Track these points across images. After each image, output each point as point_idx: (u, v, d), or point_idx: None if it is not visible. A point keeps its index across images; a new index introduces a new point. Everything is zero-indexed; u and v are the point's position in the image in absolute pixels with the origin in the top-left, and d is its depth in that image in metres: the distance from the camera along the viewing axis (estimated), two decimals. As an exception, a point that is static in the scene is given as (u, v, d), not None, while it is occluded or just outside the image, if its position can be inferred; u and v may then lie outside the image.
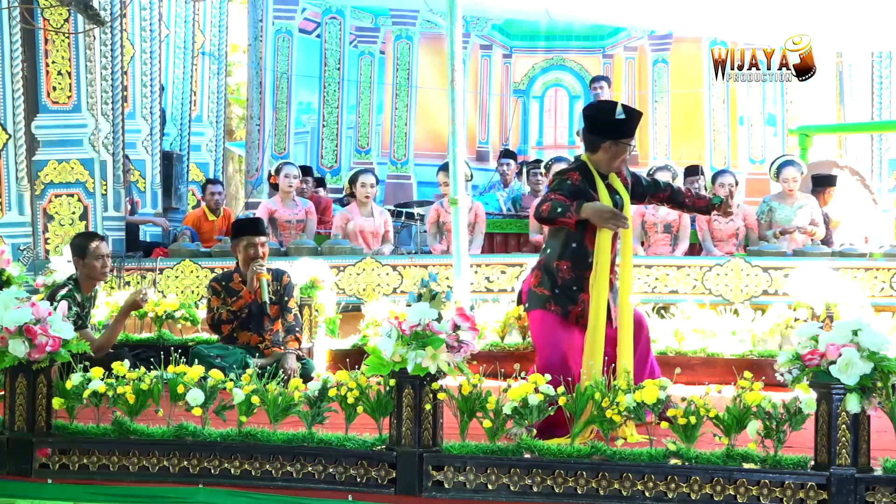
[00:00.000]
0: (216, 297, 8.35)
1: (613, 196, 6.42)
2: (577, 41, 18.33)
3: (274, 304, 8.30)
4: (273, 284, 8.34)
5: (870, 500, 4.81)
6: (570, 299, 6.39)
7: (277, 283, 8.39)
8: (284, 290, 8.40)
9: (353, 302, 10.02)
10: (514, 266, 10.11)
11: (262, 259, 8.28)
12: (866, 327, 4.87)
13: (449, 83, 8.59)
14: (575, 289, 6.38)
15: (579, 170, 6.49)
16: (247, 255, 8.29)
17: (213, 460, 5.41)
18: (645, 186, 6.80)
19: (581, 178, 6.40)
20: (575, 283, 6.38)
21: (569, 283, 6.40)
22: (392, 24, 18.03)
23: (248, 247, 8.29)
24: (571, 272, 6.40)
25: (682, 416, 5.00)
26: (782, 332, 8.95)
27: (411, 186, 17.67)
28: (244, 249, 8.31)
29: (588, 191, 6.36)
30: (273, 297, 8.30)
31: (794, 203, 11.14)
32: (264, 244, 8.37)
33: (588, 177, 6.42)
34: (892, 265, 10.01)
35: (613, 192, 6.45)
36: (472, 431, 5.26)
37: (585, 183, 6.39)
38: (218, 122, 17.12)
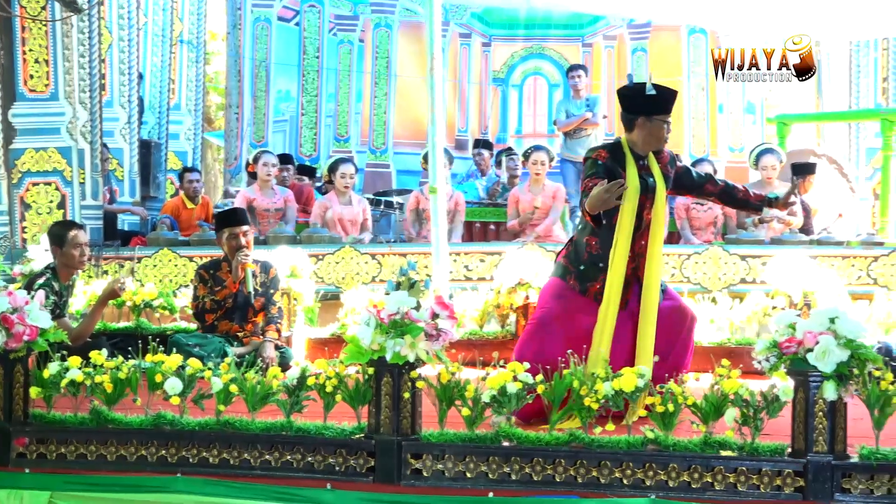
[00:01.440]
0: (203, 286, 8.34)
1: (645, 178, 6.37)
2: (557, 30, 18.36)
3: (259, 297, 8.29)
4: (260, 276, 8.33)
5: (846, 486, 4.83)
6: (591, 276, 6.40)
7: (265, 275, 8.38)
8: (271, 282, 8.40)
9: (331, 290, 10.01)
10: (492, 255, 10.10)
11: (246, 249, 8.27)
12: (843, 315, 4.88)
13: (428, 71, 8.57)
14: (601, 265, 6.36)
15: (609, 147, 6.50)
16: (230, 245, 8.28)
17: (192, 449, 5.40)
18: (695, 179, 6.72)
19: (609, 156, 6.39)
20: (601, 259, 6.37)
21: (595, 259, 6.40)
22: (371, 12, 18.02)
23: (231, 238, 8.28)
24: (599, 248, 6.40)
25: (660, 404, 5.01)
26: (760, 320, 8.98)
27: (390, 175, 17.67)
28: (227, 241, 8.30)
29: (616, 168, 6.33)
30: (259, 289, 8.29)
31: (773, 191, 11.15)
32: (247, 233, 8.35)
33: (618, 155, 6.40)
34: (868, 253, 10.04)
35: (647, 174, 6.40)
36: (450, 420, 5.26)
37: (614, 161, 6.37)
38: (196, 110, 17.08)
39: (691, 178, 6.71)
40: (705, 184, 6.75)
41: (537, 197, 11.53)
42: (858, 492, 4.83)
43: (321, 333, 9.06)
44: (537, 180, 11.60)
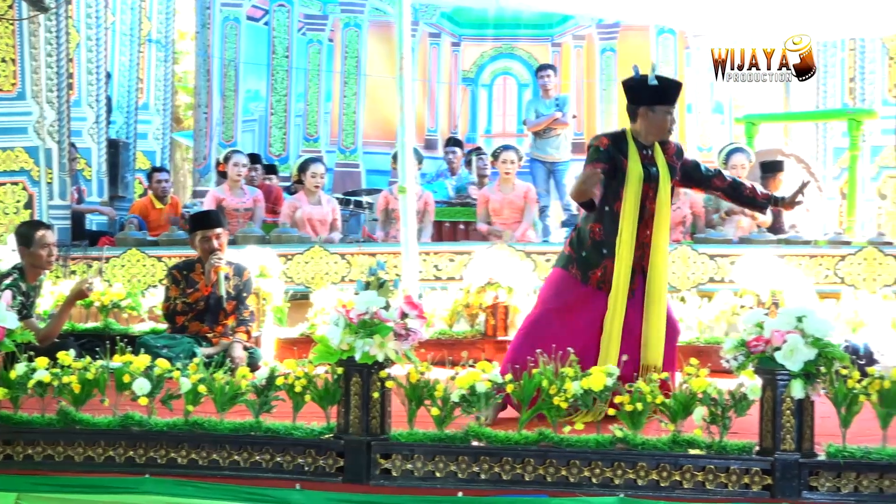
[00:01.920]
0: (175, 287, 8.30)
1: (648, 168, 6.40)
2: (526, 29, 18.37)
3: (231, 300, 8.26)
4: (233, 279, 8.30)
5: (813, 484, 4.86)
6: (593, 263, 6.43)
7: (238, 277, 8.35)
8: (244, 285, 8.37)
9: (300, 290, 9.99)
10: (462, 254, 10.11)
11: (220, 251, 8.24)
12: (811, 314, 4.91)
13: (397, 71, 8.57)
14: (605, 252, 6.40)
15: (611, 135, 6.56)
16: (203, 248, 8.25)
17: (160, 450, 5.38)
18: (703, 173, 6.74)
19: (610, 144, 6.44)
20: (604, 246, 6.41)
21: (598, 246, 6.43)
22: (340, 11, 18.00)
23: (203, 240, 8.25)
24: (602, 235, 6.43)
25: (629, 403, 5.02)
26: (728, 319, 9.02)
27: (360, 175, 17.66)
28: (200, 243, 8.27)
29: (618, 156, 6.39)
30: (231, 292, 8.26)
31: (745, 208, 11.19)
32: (220, 236, 8.31)
33: (621, 143, 6.45)
34: (836, 252, 10.10)
35: (650, 164, 6.44)
36: (419, 419, 5.26)
37: (616, 149, 6.42)
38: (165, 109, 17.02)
39: (700, 173, 6.74)
40: (713, 178, 6.77)
41: (507, 196, 11.55)
42: (826, 489, 4.85)
43: (290, 333, 9.05)
44: (507, 180, 11.62)
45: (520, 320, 8.74)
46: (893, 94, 13.98)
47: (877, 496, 4.83)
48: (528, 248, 10.11)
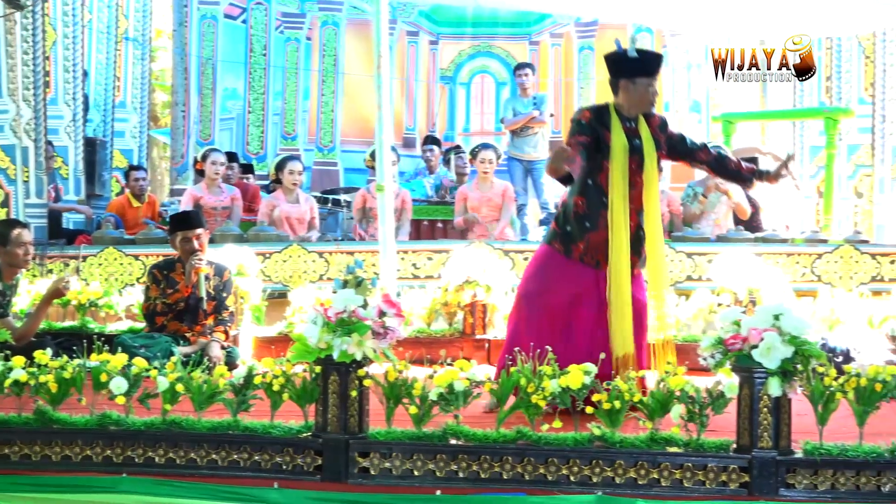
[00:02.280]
0: (155, 286, 8.27)
1: (632, 139, 6.45)
2: (504, 28, 18.38)
3: (211, 300, 8.24)
4: (214, 279, 8.28)
5: (790, 482, 4.87)
6: (576, 237, 6.49)
7: (218, 278, 8.32)
8: (224, 286, 8.35)
9: (278, 289, 9.97)
10: (440, 252, 10.11)
11: (200, 252, 8.22)
12: (787, 312, 4.92)
13: (375, 69, 8.56)
14: (588, 225, 6.45)
15: (594, 108, 6.63)
16: (184, 249, 8.22)
17: (137, 449, 5.36)
18: (689, 146, 6.77)
19: (592, 117, 6.51)
20: (587, 219, 6.46)
21: (581, 219, 6.48)
22: (318, 9, 17.98)
23: (184, 241, 8.23)
24: (585, 208, 6.48)
25: (607, 401, 5.03)
26: (706, 317, 9.03)
27: (338, 173, 17.65)
28: (180, 244, 8.25)
29: (600, 128, 6.45)
30: (211, 292, 8.24)
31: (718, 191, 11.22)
32: (200, 236, 8.29)
33: (603, 116, 6.51)
34: (813, 250, 10.14)
35: (633, 136, 6.48)
36: (398, 418, 5.25)
37: (598, 122, 6.48)
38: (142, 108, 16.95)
39: (685, 146, 6.77)
40: (699, 151, 6.81)
41: (486, 195, 11.56)
42: (803, 487, 4.87)
43: (268, 332, 9.03)
44: (485, 178, 11.63)
45: (498, 319, 8.79)
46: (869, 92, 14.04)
47: (853, 493, 4.85)
48: (506, 247, 10.12)
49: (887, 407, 4.99)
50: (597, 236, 6.41)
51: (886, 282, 9.89)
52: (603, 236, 6.41)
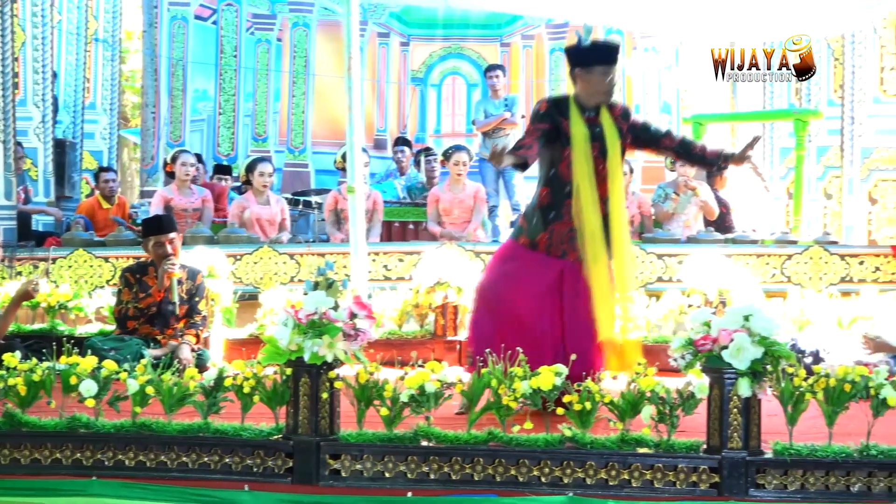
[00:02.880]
0: (128, 290, 8.24)
1: (593, 128, 6.47)
2: (475, 29, 18.41)
3: (184, 304, 8.21)
4: (187, 283, 8.25)
5: (760, 482, 4.89)
6: (540, 227, 6.52)
7: (191, 281, 8.30)
8: (196, 289, 8.32)
9: (249, 291, 9.95)
10: (411, 254, 10.09)
11: (173, 257, 8.19)
12: (757, 313, 4.94)
13: (346, 71, 8.56)
14: (552, 215, 6.48)
15: (552, 99, 6.73)
16: (157, 253, 8.19)
17: (107, 452, 5.34)
18: (653, 133, 6.79)
19: (550, 106, 6.57)
20: (552, 209, 6.49)
21: (545, 210, 6.51)
22: (289, 11, 17.96)
23: (156, 246, 8.19)
24: (549, 198, 6.51)
25: (578, 402, 5.04)
26: (676, 318, 9.06)
27: (309, 174, 17.63)
28: (153, 249, 8.22)
29: (557, 117, 6.46)
30: (184, 297, 8.21)
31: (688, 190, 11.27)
32: (173, 241, 8.25)
33: (562, 106, 6.53)
34: (783, 251, 10.18)
35: (594, 125, 6.49)
36: (369, 420, 5.25)
37: (556, 111, 6.50)
38: (112, 109, 16.91)
39: (649, 133, 6.78)
40: (663, 138, 6.82)
41: (457, 196, 11.57)
42: (772, 487, 4.89)
43: (239, 334, 9.00)
44: (458, 180, 11.64)
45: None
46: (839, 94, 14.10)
47: (823, 493, 4.87)
48: (477, 248, 10.12)
49: (856, 407, 5.01)
50: (562, 226, 6.44)
51: (855, 283, 9.94)
52: (568, 226, 6.45)
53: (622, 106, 6.74)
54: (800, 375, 4.97)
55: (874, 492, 4.87)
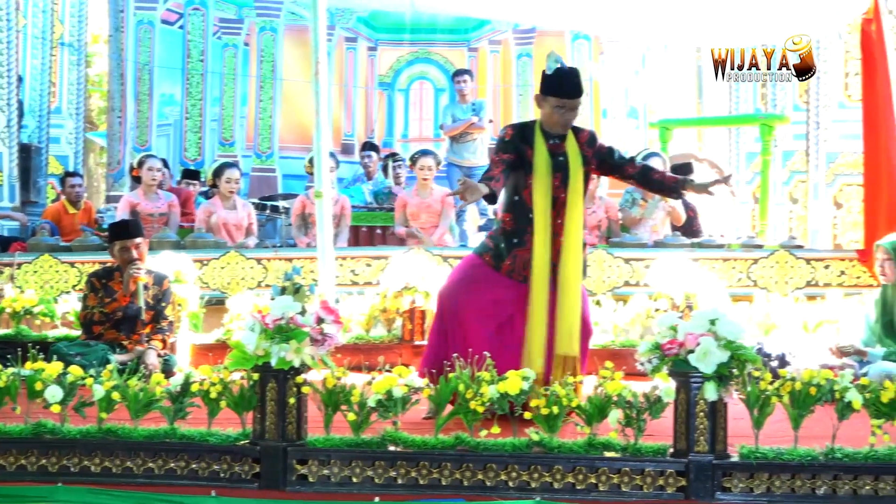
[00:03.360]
0: (93, 295, 8.19)
1: (556, 157, 6.44)
2: (442, 34, 18.44)
3: (150, 310, 8.17)
4: (153, 288, 8.22)
5: (727, 485, 4.91)
6: (505, 253, 6.47)
7: (157, 287, 8.26)
8: (163, 295, 8.28)
9: (216, 296, 9.92)
10: (379, 259, 10.09)
11: (138, 261, 8.15)
12: (723, 317, 4.96)
13: (313, 75, 8.55)
14: (515, 241, 6.45)
15: (518, 125, 6.67)
16: (122, 258, 8.15)
17: (73, 458, 5.31)
18: (616, 160, 6.69)
19: (515, 133, 6.54)
20: (514, 235, 6.46)
21: (509, 236, 6.48)
22: (256, 15, 17.93)
23: (122, 250, 8.15)
24: (512, 224, 6.49)
25: (545, 407, 5.04)
26: (643, 323, 9.08)
27: (276, 179, 17.60)
28: (119, 253, 8.17)
29: (521, 145, 6.45)
30: (150, 302, 8.17)
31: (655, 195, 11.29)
32: (139, 245, 8.21)
33: (527, 133, 6.51)
34: (748, 256, 10.22)
35: (559, 152, 6.46)
36: (336, 425, 5.24)
37: (521, 138, 6.49)
38: (78, 113, 16.84)
39: (613, 159, 6.69)
40: (626, 166, 6.75)
41: (425, 201, 11.57)
42: (739, 490, 4.91)
43: (206, 339, 8.97)
44: (425, 185, 11.64)
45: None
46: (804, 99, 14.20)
47: (789, 496, 4.90)
48: (444, 253, 10.12)
49: (822, 410, 5.03)
50: (524, 252, 6.41)
51: (821, 287, 9.99)
52: (530, 253, 6.44)
53: (589, 131, 6.70)
54: (766, 379, 5.00)
55: (839, 495, 4.90)
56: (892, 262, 7.48)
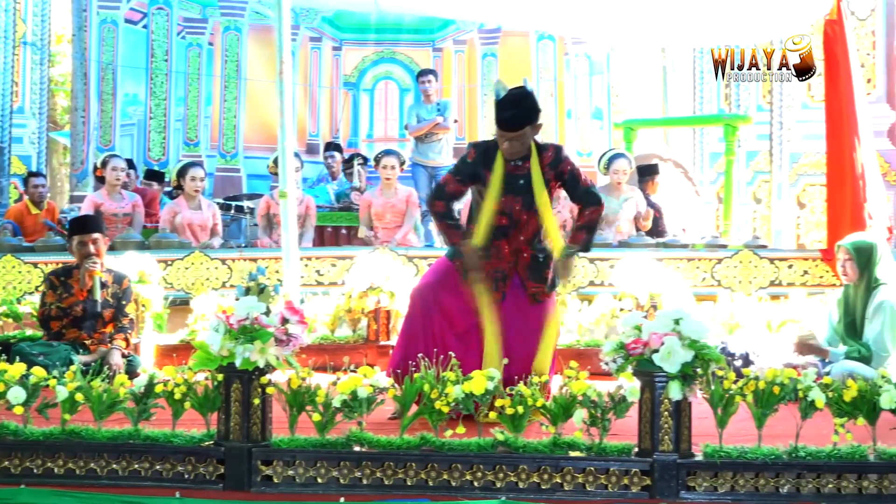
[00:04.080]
0: (52, 292, 8.14)
1: (515, 180, 6.43)
2: (407, 34, 18.41)
3: (110, 307, 8.13)
4: (112, 287, 8.18)
5: (691, 484, 4.93)
6: None
7: (117, 285, 8.22)
8: (123, 293, 8.24)
9: (180, 296, 9.89)
10: (344, 259, 10.08)
11: (95, 256, 8.11)
12: (687, 316, 4.98)
13: (278, 75, 8.53)
14: (480, 254, 6.44)
15: (482, 146, 6.59)
16: (80, 253, 8.11)
17: (36, 459, 5.28)
18: (576, 193, 6.63)
19: (477, 155, 6.51)
20: (479, 248, 6.44)
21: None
22: (220, 15, 17.85)
23: (80, 245, 8.12)
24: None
25: (510, 406, 5.05)
26: (608, 322, 9.11)
27: (241, 179, 17.54)
28: (77, 248, 8.14)
29: (480, 169, 6.45)
30: (110, 300, 8.13)
31: (621, 196, 11.35)
32: (97, 241, 8.17)
33: (489, 154, 6.47)
34: (713, 255, 10.26)
35: (519, 174, 6.44)
36: (301, 425, 5.24)
37: (482, 161, 6.47)
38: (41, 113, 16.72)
39: (570, 189, 6.66)
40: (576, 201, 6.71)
41: (389, 201, 11.56)
42: (703, 489, 4.93)
43: (170, 340, 8.95)
44: (389, 184, 11.64)
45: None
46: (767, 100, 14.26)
47: (753, 495, 4.92)
48: (409, 253, 10.12)
49: (785, 409, 5.06)
50: (488, 266, 6.45)
51: (784, 286, 10.05)
52: (494, 266, 6.46)
53: (553, 151, 6.57)
54: (729, 378, 5.02)
55: (803, 493, 4.92)
56: (853, 262, 7.52)
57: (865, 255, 7.53)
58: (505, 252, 6.48)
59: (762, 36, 10.89)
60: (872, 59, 12.89)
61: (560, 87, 17.76)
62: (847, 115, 9.91)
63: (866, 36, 12.58)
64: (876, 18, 12.48)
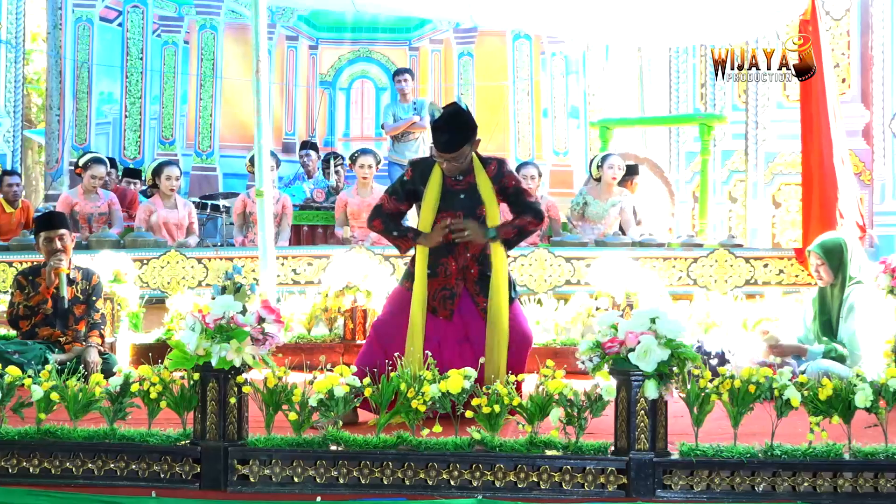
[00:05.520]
0: (20, 292, 8.11)
1: (454, 196, 6.44)
2: (384, 33, 18.41)
3: (80, 304, 8.10)
4: (82, 283, 8.15)
5: (667, 483, 4.95)
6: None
7: (86, 282, 8.19)
8: (93, 289, 8.21)
9: (156, 295, 9.87)
10: (320, 258, 10.07)
11: (62, 253, 8.07)
12: (663, 315, 5.00)
13: (254, 74, 8.52)
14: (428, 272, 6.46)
15: (419, 164, 6.62)
16: (46, 250, 8.08)
17: (11, 459, 5.27)
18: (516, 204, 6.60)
19: (415, 173, 6.54)
20: (429, 266, 6.46)
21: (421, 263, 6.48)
22: (196, 13, 17.80)
23: (46, 241, 8.08)
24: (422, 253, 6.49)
25: (487, 405, 5.05)
26: (584, 321, 9.13)
27: (217, 178, 17.49)
28: (43, 245, 8.10)
29: (419, 187, 6.48)
30: (80, 296, 8.10)
31: (609, 199, 11.34)
32: (63, 237, 8.13)
33: (426, 171, 6.49)
34: (688, 255, 10.28)
35: (456, 192, 6.46)
36: (277, 424, 5.23)
37: (419, 177, 6.50)
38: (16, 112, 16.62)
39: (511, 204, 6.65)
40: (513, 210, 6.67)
41: (366, 200, 11.56)
42: (679, 488, 4.95)
43: (146, 339, 8.93)
44: (365, 184, 11.63)
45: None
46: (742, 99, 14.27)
47: (728, 493, 4.94)
48: (386, 252, 10.11)
49: (760, 408, 5.08)
50: (434, 283, 6.47)
51: (760, 285, 10.07)
52: (442, 284, 6.48)
53: (496, 165, 6.57)
54: (705, 377, 5.04)
55: (778, 491, 4.95)
56: (826, 266, 7.55)
57: (837, 256, 7.55)
58: (452, 269, 6.47)
59: (737, 35, 10.91)
60: (847, 59, 12.90)
61: (536, 87, 17.78)
62: (821, 114, 9.94)
63: (841, 36, 12.59)
64: (851, 18, 12.49)
